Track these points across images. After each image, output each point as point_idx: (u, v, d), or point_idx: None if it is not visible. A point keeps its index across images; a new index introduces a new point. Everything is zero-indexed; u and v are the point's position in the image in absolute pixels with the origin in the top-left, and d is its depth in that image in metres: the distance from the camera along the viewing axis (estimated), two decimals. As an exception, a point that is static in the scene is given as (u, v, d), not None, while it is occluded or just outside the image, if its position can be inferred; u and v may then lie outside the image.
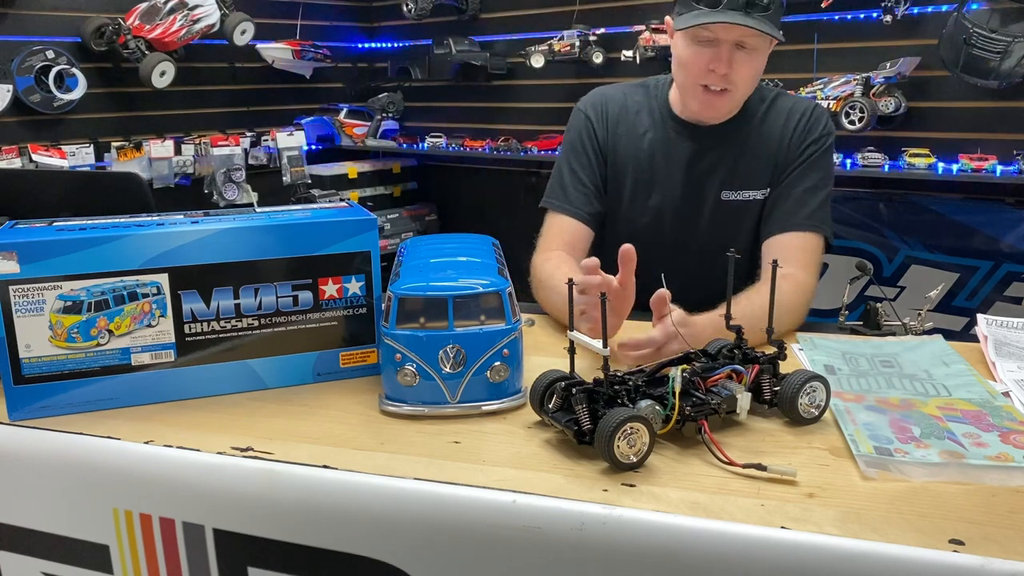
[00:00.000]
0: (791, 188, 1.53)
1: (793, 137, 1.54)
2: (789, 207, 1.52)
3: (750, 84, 1.50)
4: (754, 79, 1.50)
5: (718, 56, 1.42)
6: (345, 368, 1.17)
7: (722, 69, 1.43)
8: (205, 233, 1.07)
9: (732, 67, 1.43)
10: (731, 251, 1.06)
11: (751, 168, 1.56)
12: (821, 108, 1.59)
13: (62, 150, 3.11)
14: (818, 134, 1.54)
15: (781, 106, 1.58)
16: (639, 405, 0.93)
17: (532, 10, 3.65)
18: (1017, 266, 2.68)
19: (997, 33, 2.45)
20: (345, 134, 3.97)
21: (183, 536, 0.94)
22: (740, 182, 1.56)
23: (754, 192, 1.56)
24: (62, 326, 1.03)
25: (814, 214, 1.50)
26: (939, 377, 1.14)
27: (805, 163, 1.53)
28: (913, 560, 0.73)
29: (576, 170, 1.61)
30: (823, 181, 1.53)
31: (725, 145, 1.56)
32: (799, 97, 1.63)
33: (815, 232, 1.50)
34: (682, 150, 1.58)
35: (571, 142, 1.64)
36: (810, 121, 1.55)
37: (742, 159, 1.56)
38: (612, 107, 1.63)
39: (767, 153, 1.55)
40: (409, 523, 0.86)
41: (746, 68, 1.45)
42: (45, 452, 1.00)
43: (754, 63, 1.46)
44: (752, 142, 1.55)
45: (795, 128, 1.55)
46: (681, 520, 0.79)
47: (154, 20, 3.23)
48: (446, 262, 1.14)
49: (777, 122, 1.56)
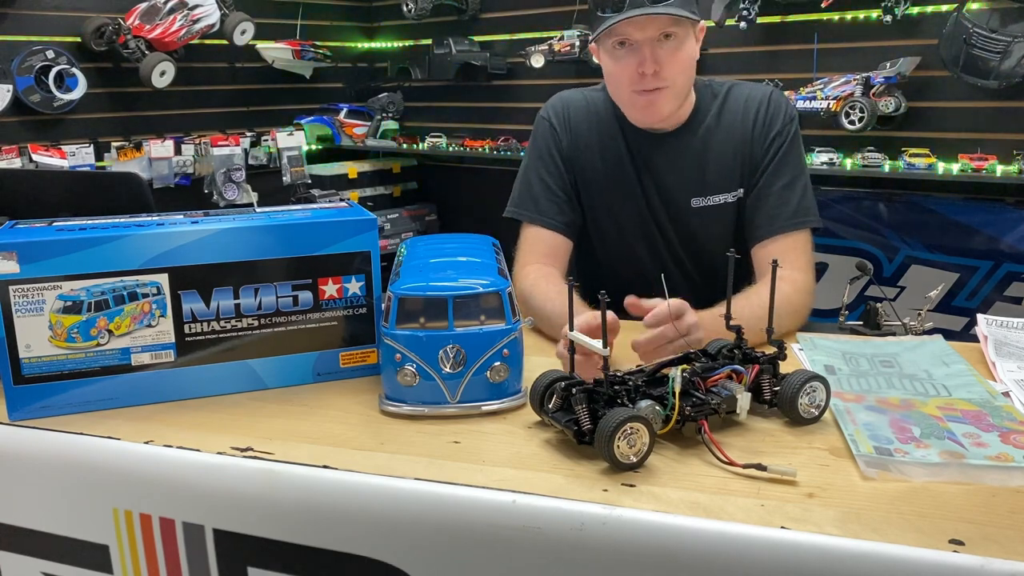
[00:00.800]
0: (768, 188, 1.49)
1: (755, 132, 1.50)
2: (770, 210, 1.48)
3: (685, 75, 1.44)
4: (687, 69, 1.44)
5: (641, 58, 1.38)
6: (345, 368, 1.17)
7: (650, 69, 1.38)
8: (205, 233, 1.07)
9: (660, 64, 1.38)
10: (731, 251, 1.06)
11: (718, 172, 1.52)
12: (778, 94, 1.54)
13: (62, 150, 3.11)
14: (780, 124, 1.49)
15: (735, 99, 1.53)
16: (639, 405, 0.93)
17: (532, 10, 3.65)
18: (1017, 266, 2.68)
19: (997, 33, 2.45)
20: (345, 134, 3.97)
21: (183, 536, 0.94)
22: (709, 188, 1.52)
23: (724, 196, 1.52)
24: (62, 326, 1.03)
25: (797, 210, 1.47)
26: (939, 377, 1.14)
27: (775, 159, 1.49)
28: (913, 560, 0.73)
29: (545, 179, 1.57)
30: (798, 171, 1.49)
31: (688, 152, 1.52)
32: (752, 86, 1.56)
33: (802, 228, 1.47)
34: (646, 158, 1.54)
35: (537, 150, 1.59)
36: (769, 112, 1.50)
37: (707, 165, 1.52)
38: (574, 113, 1.58)
39: (731, 153, 1.51)
40: (409, 523, 0.86)
41: (674, 60, 1.39)
42: (45, 452, 1.00)
43: (681, 52, 1.40)
44: (714, 145, 1.51)
45: (755, 122, 1.50)
46: (681, 520, 0.79)
47: (154, 20, 3.23)
48: (446, 262, 1.14)
49: (735, 118, 1.51)
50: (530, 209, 1.57)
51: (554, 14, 3.54)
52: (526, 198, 1.58)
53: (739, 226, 1.54)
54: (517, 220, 1.59)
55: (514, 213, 1.59)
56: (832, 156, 2.73)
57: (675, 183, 1.54)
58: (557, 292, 1.35)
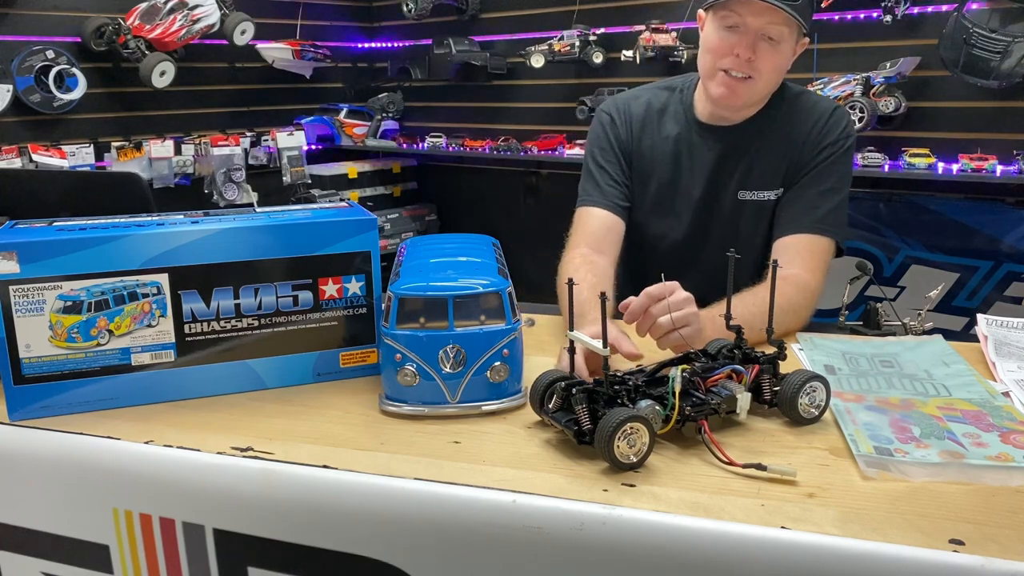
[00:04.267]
0: (805, 189, 1.52)
1: (810, 138, 1.53)
2: (800, 208, 1.51)
3: (772, 76, 1.48)
4: (776, 72, 1.48)
5: (742, 41, 1.42)
6: (345, 368, 1.17)
7: (745, 54, 1.42)
8: (205, 233, 1.07)
9: (755, 54, 1.42)
10: (731, 251, 1.06)
11: (767, 167, 1.55)
12: (843, 110, 1.57)
13: (62, 150, 3.11)
14: (836, 136, 1.52)
15: (802, 105, 1.56)
16: (639, 405, 0.93)
17: (532, 10, 3.65)
18: (1017, 266, 2.68)
19: (997, 33, 2.45)
20: (345, 134, 3.97)
21: (183, 536, 0.94)
22: (756, 182, 1.56)
23: (768, 192, 1.56)
24: (62, 326, 1.03)
25: (826, 217, 1.49)
26: (939, 377, 1.14)
27: (821, 165, 1.52)
28: (913, 560, 0.73)
29: (605, 167, 1.61)
30: (839, 184, 1.52)
31: (744, 144, 1.55)
32: (822, 97, 1.61)
33: (825, 236, 1.48)
34: (705, 152, 1.58)
35: (597, 142, 1.64)
36: (829, 122, 1.53)
37: (759, 158, 1.55)
38: (636, 110, 1.63)
39: (783, 152, 1.54)
40: (409, 523, 0.86)
41: (769, 58, 1.44)
42: (45, 452, 1.00)
43: (778, 54, 1.45)
44: (770, 141, 1.55)
45: (813, 128, 1.53)
46: (681, 520, 0.79)
47: (154, 20, 3.23)
48: (446, 262, 1.14)
49: (796, 121, 1.55)
50: (591, 194, 1.61)
51: (554, 14, 3.54)
52: (587, 187, 1.62)
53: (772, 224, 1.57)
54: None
55: (578, 202, 1.63)
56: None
57: (728, 173, 1.57)
58: (590, 285, 1.33)
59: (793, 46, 1.48)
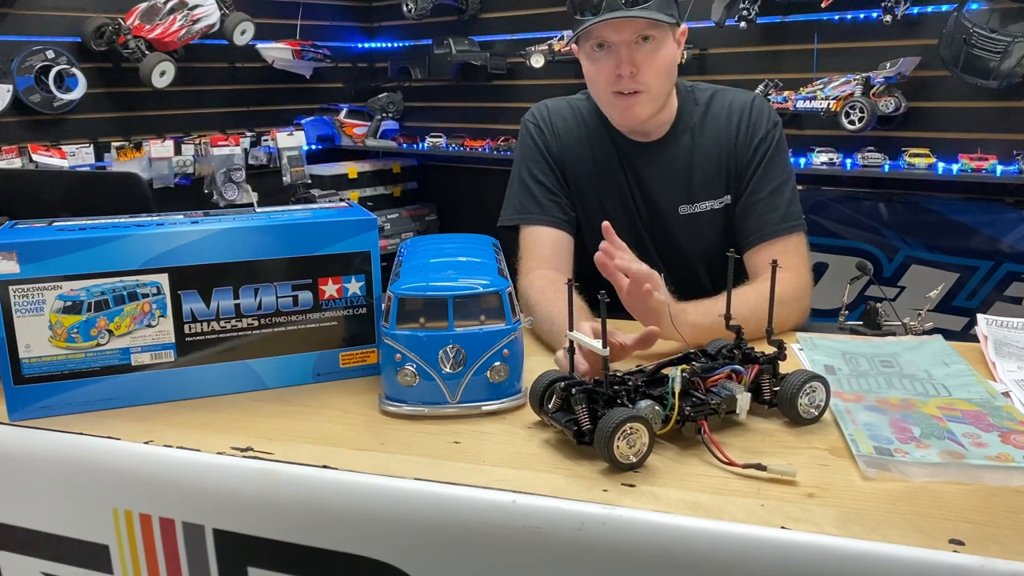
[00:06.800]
0: (755, 195, 1.49)
1: (739, 139, 1.50)
2: (760, 215, 1.48)
3: (662, 78, 1.44)
4: (665, 72, 1.44)
5: (619, 60, 1.39)
6: (345, 368, 1.17)
7: (626, 70, 1.38)
8: (205, 233, 1.07)
9: (637, 66, 1.39)
10: (731, 251, 1.06)
11: (704, 179, 1.52)
12: (760, 99, 1.54)
13: (62, 150, 3.11)
14: (764, 131, 1.50)
15: (719, 106, 1.53)
16: (639, 405, 0.93)
17: (532, 10, 3.65)
18: (1017, 266, 2.68)
19: (997, 33, 2.45)
20: (345, 134, 3.97)
21: (183, 536, 0.94)
22: (696, 195, 1.53)
23: (711, 202, 1.53)
24: (62, 326, 1.03)
25: (786, 216, 1.47)
26: (939, 377, 1.14)
27: (762, 164, 1.49)
28: (913, 560, 0.73)
29: (541, 180, 1.56)
30: (784, 175, 1.50)
31: (674, 160, 1.52)
32: (735, 92, 1.56)
33: (792, 232, 1.47)
34: (633, 166, 1.54)
35: (527, 154, 1.58)
36: (752, 118, 1.50)
37: (693, 172, 1.52)
38: (559, 119, 1.58)
39: (716, 159, 1.51)
40: (409, 523, 0.86)
41: (652, 62, 1.40)
42: (45, 452, 1.00)
43: (659, 55, 1.40)
44: (699, 152, 1.52)
45: (739, 128, 1.50)
46: (681, 520, 0.79)
47: (154, 20, 3.23)
48: (446, 262, 1.14)
49: (719, 125, 1.52)
50: (531, 211, 1.55)
51: (554, 14, 3.54)
52: (524, 201, 1.56)
53: (729, 232, 1.55)
54: (515, 228, 1.57)
55: (514, 220, 1.57)
56: (832, 156, 2.73)
57: (662, 191, 1.54)
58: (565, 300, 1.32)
59: (674, 36, 1.43)
